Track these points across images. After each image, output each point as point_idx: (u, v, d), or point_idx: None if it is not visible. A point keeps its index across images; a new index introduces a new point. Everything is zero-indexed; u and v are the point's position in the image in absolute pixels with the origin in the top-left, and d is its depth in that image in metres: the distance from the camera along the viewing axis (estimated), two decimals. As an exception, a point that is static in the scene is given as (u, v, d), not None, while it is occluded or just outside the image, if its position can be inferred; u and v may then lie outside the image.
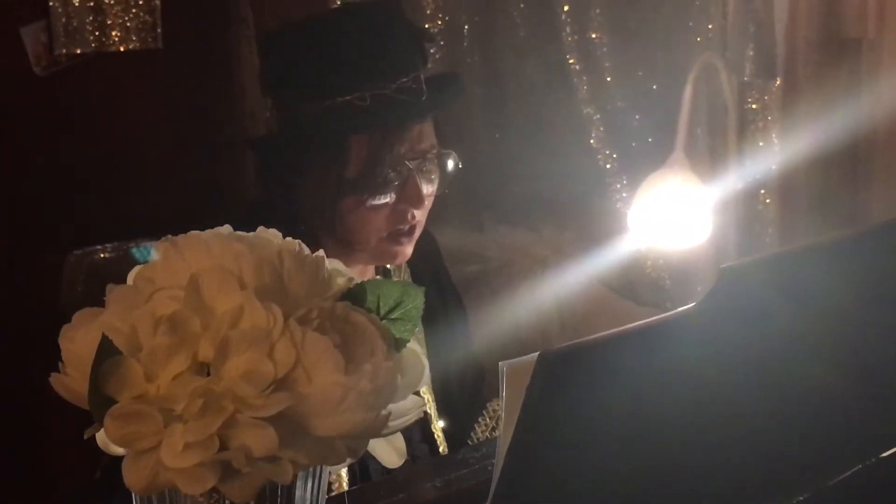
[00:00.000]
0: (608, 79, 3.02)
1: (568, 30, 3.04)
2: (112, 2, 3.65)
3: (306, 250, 1.06)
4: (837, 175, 2.74)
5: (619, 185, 3.02)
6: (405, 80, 1.98)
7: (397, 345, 1.07)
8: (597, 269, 2.82)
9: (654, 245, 2.45)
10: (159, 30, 3.62)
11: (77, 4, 3.56)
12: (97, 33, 3.63)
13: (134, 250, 3.10)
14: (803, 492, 1.35)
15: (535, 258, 3.06)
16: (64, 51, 3.46)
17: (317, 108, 1.98)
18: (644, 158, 2.89)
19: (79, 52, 3.47)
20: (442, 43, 3.28)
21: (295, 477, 1.03)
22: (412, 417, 1.08)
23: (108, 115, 3.49)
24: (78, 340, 0.99)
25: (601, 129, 3.06)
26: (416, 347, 1.11)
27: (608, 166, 3.03)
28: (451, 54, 3.30)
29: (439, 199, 3.36)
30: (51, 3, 3.41)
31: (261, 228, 1.08)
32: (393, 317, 1.09)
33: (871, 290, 1.34)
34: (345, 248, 2.04)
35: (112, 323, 0.98)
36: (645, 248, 2.50)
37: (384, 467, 2.14)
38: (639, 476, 1.21)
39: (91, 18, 3.63)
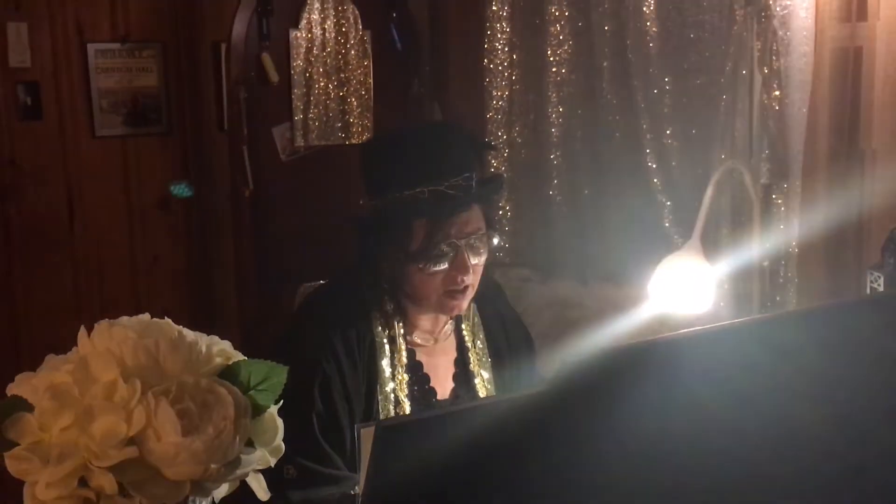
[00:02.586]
0: (676, 175, 2.87)
1: (648, 136, 2.91)
2: (355, 105, 3.73)
3: (189, 336, 1.02)
4: (847, 252, 2.51)
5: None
6: (457, 179, 1.92)
7: (256, 410, 1.02)
8: (664, 319, 2.68)
9: (666, 311, 2.29)
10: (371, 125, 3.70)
11: (334, 106, 3.66)
12: (344, 129, 3.72)
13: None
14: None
15: (619, 308, 2.92)
16: (302, 143, 3.56)
17: (390, 199, 1.95)
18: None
19: (312, 144, 3.58)
20: (561, 144, 3.22)
21: (203, 494, 1.01)
22: (253, 468, 1.03)
23: (322, 189, 3.57)
24: (11, 398, 1.00)
25: (671, 214, 2.91)
26: (273, 412, 1.05)
27: (677, 239, 2.87)
28: (567, 153, 3.23)
29: (559, 257, 3.32)
30: (294, 110, 3.52)
31: (166, 320, 1.05)
32: (260, 388, 1.04)
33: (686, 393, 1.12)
34: (414, 302, 2.00)
35: (34, 384, 0.98)
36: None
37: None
38: None
39: (342, 117, 3.72)
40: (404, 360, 2.03)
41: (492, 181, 2.06)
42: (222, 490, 1.04)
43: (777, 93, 2.38)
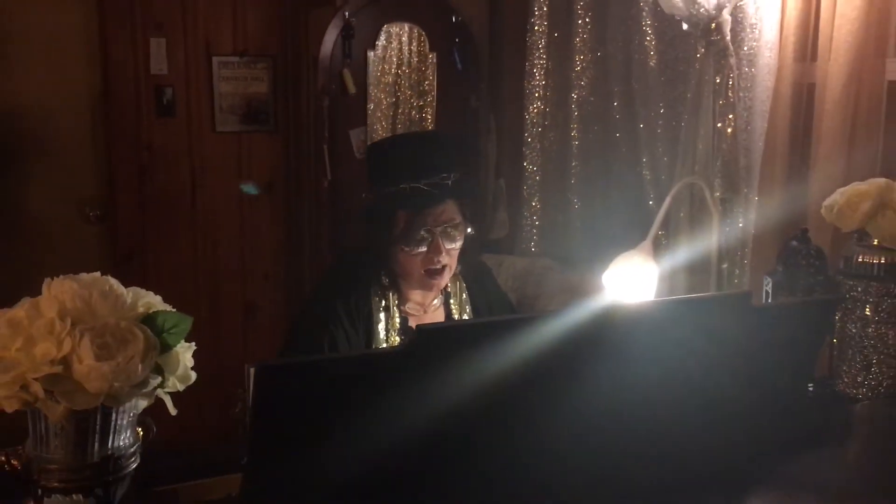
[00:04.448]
0: (664, 186, 2.90)
1: (644, 152, 2.96)
2: (428, 113, 3.86)
3: (119, 290, 1.19)
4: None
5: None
6: (435, 178, 2.02)
7: (165, 347, 1.18)
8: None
9: (616, 299, 2.34)
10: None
11: (415, 114, 3.79)
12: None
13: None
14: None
15: (613, 295, 2.97)
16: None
17: (381, 193, 2.07)
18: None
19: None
20: (580, 155, 3.27)
21: (114, 403, 1.15)
22: (163, 390, 1.18)
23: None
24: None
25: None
26: (179, 350, 1.20)
27: (663, 241, 2.90)
28: (584, 163, 3.28)
29: (576, 251, 3.38)
30: (368, 114, 3.67)
31: (109, 277, 1.21)
32: (171, 332, 1.19)
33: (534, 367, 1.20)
34: (402, 278, 2.11)
35: (3, 317, 1.16)
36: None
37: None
38: (364, 472, 1.12)
39: (420, 124, 3.84)
40: (397, 324, 2.15)
41: (466, 182, 2.15)
42: (142, 403, 1.21)
43: (731, 117, 2.40)
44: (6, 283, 1.18)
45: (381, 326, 2.14)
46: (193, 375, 1.24)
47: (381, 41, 3.63)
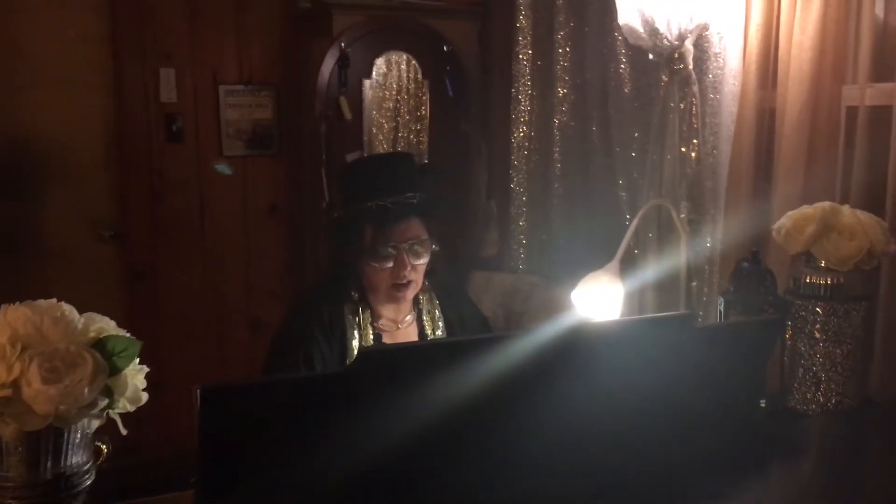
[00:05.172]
0: (638, 199, 2.88)
1: (620, 174, 2.94)
2: (424, 139, 3.86)
3: (71, 315, 1.19)
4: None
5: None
6: (399, 197, 2.00)
7: (114, 370, 1.19)
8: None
9: (585, 316, 2.33)
10: (426, 158, 3.80)
11: (391, 140, 3.81)
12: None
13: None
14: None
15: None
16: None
17: (349, 210, 2.05)
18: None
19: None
20: (562, 178, 3.26)
21: (63, 424, 1.16)
22: (103, 412, 1.19)
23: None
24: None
25: (636, 238, 2.91)
26: (129, 372, 1.21)
27: (636, 252, 2.89)
28: (566, 185, 3.27)
29: (559, 268, 3.36)
30: (364, 139, 3.67)
31: (64, 304, 1.22)
32: (121, 356, 1.20)
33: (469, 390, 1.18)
34: (371, 292, 2.08)
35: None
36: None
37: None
38: (313, 492, 1.11)
39: (416, 147, 3.86)
40: (370, 340, 2.13)
41: (433, 201, 2.13)
42: (94, 423, 1.22)
43: (696, 142, 2.39)
44: (25, 300, 1.17)
45: (355, 343, 2.11)
46: (145, 397, 1.24)
47: (382, 68, 3.65)
